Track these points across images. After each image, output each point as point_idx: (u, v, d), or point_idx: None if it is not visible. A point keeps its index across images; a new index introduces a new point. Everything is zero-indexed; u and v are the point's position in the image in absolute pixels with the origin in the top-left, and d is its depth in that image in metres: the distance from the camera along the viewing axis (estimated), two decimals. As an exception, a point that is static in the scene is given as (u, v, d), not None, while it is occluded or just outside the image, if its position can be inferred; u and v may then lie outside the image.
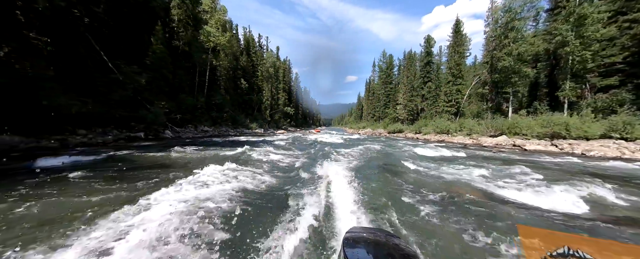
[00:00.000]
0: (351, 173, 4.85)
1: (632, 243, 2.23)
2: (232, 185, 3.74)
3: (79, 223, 2.43)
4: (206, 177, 3.90)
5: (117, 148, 7.51)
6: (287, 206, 3.05)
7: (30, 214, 2.73)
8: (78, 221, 2.50)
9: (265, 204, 3.19)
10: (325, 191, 3.61)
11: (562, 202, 3.43)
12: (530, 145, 11.53)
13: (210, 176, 4.00)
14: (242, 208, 2.84)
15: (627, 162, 7.62)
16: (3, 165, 5.08)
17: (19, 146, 6.17)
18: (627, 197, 3.91)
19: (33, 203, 2.99)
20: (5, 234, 2.25)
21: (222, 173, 4.30)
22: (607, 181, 4.53)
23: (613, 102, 14.40)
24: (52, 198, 3.23)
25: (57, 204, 3.04)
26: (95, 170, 4.83)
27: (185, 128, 16.88)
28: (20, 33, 6.95)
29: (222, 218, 2.52)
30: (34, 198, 3.19)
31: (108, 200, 3.19)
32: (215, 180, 3.82)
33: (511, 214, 2.81)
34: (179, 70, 19.66)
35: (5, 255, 1.87)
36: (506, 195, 3.83)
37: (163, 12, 21.25)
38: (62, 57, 8.85)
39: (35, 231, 2.31)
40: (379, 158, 7.65)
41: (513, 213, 2.82)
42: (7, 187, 3.59)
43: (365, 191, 3.63)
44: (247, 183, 4.04)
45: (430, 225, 2.58)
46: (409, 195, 3.62)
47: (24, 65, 6.77)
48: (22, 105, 6.51)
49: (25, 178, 4.11)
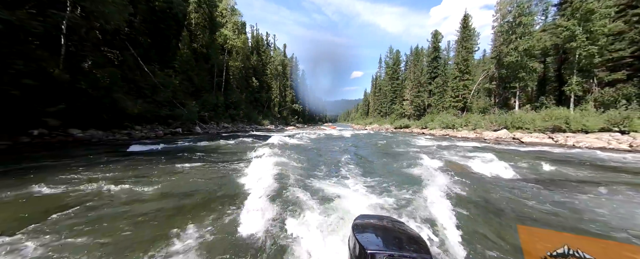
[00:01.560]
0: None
1: (632, 243, 2.22)
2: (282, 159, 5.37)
3: (208, 175, 3.90)
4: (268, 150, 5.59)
5: (171, 141, 9.17)
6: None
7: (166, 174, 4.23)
8: (203, 174, 3.98)
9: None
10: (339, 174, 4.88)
11: (494, 168, 5.11)
12: (528, 138, 12.39)
13: (267, 154, 5.73)
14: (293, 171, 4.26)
15: (603, 151, 8.69)
16: (112, 150, 6.82)
17: (102, 139, 7.88)
18: (549, 169, 5.37)
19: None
20: (165, 182, 3.72)
21: (273, 153, 5.86)
22: (550, 163, 5.93)
23: (619, 96, 14.56)
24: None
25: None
26: (187, 151, 6.71)
27: (209, 124, 18.60)
28: (98, 48, 8.57)
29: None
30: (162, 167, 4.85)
31: (222, 159, 4.81)
32: (272, 156, 5.51)
33: (511, 214, 2.81)
34: (201, 72, 21.31)
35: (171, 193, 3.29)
36: (477, 173, 4.98)
37: (182, 16, 22.80)
38: (119, 66, 10.52)
39: (171, 183, 3.80)
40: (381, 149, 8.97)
41: (513, 213, 2.83)
42: (135, 161, 5.34)
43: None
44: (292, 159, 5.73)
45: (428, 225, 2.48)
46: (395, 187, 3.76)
47: (102, 74, 8.46)
48: (101, 106, 8.20)
49: (140, 156, 5.94)
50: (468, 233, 2.31)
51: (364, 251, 0.84)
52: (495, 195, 3.56)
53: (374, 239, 0.92)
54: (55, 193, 3.14)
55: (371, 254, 0.82)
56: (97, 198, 3.06)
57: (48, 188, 3.24)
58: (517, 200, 3.36)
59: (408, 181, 4.16)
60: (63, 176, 3.90)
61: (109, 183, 3.55)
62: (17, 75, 5.42)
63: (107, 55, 9.21)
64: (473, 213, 2.77)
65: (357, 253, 0.87)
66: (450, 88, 27.87)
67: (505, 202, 3.25)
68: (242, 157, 6.29)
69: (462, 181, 4.10)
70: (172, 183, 3.88)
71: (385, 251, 0.83)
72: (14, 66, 5.34)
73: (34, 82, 5.77)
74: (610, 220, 2.72)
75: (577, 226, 2.59)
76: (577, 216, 2.82)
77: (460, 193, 3.53)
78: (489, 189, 3.80)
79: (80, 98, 7.46)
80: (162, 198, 3.15)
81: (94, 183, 3.54)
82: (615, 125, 11.30)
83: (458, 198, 3.26)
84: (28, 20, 5.57)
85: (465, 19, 29.32)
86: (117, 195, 3.21)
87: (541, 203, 3.21)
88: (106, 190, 3.32)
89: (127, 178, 3.98)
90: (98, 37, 8.84)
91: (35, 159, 4.94)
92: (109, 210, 2.72)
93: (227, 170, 4.87)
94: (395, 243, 0.91)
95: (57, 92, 6.74)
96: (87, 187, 3.40)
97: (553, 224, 2.58)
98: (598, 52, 15.65)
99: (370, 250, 0.83)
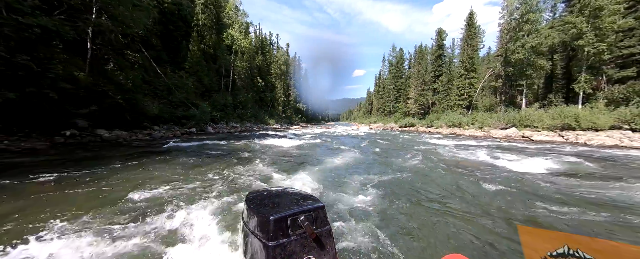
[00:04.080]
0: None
1: (632, 243, 2.20)
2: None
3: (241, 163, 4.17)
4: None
5: (189, 140, 9.51)
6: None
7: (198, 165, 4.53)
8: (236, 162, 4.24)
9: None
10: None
11: (484, 158, 5.65)
12: (537, 136, 12.46)
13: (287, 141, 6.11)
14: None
15: (613, 149, 8.72)
16: (143, 147, 7.26)
17: (126, 139, 8.20)
18: (561, 167, 5.51)
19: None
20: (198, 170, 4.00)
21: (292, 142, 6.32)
22: (561, 162, 6.12)
23: (630, 93, 14.47)
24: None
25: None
26: (215, 149, 7.26)
27: (219, 124, 18.93)
28: (121, 52, 8.91)
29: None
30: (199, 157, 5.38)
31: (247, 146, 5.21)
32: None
33: (511, 214, 2.82)
34: (210, 72, 21.64)
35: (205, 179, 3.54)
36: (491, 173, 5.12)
37: (190, 18, 23.08)
38: (138, 68, 10.87)
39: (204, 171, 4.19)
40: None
41: (513, 214, 2.83)
42: (171, 156, 5.86)
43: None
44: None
45: (427, 224, 2.53)
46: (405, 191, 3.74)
47: (125, 76, 8.79)
48: (124, 108, 8.53)
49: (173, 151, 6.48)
50: (468, 233, 2.31)
51: (266, 219, 0.83)
52: (496, 194, 3.55)
53: (275, 208, 0.91)
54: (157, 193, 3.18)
55: (274, 220, 0.82)
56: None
57: (147, 190, 3.24)
58: (517, 200, 3.33)
59: (408, 178, 4.31)
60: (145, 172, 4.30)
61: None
62: (56, 79, 5.75)
63: (129, 58, 9.54)
64: (473, 213, 2.78)
65: (259, 223, 0.85)
66: (456, 87, 27.84)
67: (505, 202, 3.24)
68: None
69: (464, 181, 4.14)
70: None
71: (288, 213, 0.84)
72: (53, 70, 5.66)
73: (70, 86, 6.09)
74: (615, 220, 2.66)
75: (577, 225, 2.56)
76: (579, 216, 2.76)
77: (460, 193, 3.54)
78: (490, 189, 3.78)
79: (106, 100, 7.80)
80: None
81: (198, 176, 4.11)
82: (626, 123, 11.31)
83: (458, 198, 3.29)
84: (62, 26, 5.88)
85: (470, 16, 29.20)
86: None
87: (541, 203, 3.16)
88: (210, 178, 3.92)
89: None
90: (121, 41, 9.18)
91: (92, 158, 5.22)
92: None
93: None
94: (294, 205, 0.92)
95: (87, 95, 7.07)
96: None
97: (553, 225, 2.57)
98: (607, 48, 15.58)
99: (273, 216, 0.83)
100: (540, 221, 2.71)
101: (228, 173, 4.35)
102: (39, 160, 4.93)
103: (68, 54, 7.02)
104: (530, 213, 2.91)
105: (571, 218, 2.79)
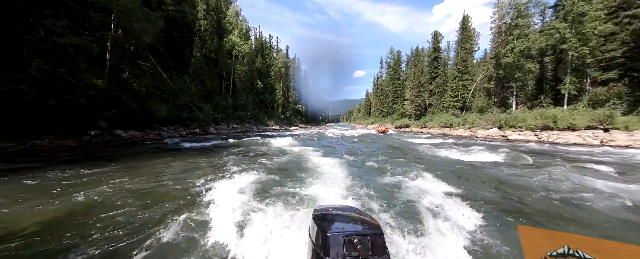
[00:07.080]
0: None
1: (632, 242, 2.24)
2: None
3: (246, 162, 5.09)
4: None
5: (194, 140, 10.50)
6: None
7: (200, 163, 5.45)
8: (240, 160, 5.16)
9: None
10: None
11: (443, 152, 6.51)
12: (514, 136, 13.34)
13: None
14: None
15: (572, 146, 9.64)
16: (151, 144, 8.24)
17: (140, 139, 9.25)
18: (500, 159, 6.37)
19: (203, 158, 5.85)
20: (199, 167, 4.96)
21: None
22: (506, 154, 6.99)
23: (610, 94, 15.24)
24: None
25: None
26: (225, 147, 8.29)
27: (221, 125, 19.97)
28: (134, 61, 9.96)
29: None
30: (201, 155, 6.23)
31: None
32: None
33: (511, 214, 2.86)
34: (211, 76, 22.73)
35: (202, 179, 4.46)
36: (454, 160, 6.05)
37: (193, 24, 24.19)
38: (150, 75, 11.94)
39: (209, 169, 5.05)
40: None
41: (513, 213, 2.88)
42: (174, 152, 6.74)
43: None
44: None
45: (426, 224, 2.51)
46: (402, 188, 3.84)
47: (139, 83, 9.84)
48: (137, 111, 9.58)
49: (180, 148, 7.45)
50: (468, 233, 2.35)
51: (324, 234, 0.90)
52: (495, 194, 3.63)
53: (333, 224, 0.98)
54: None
55: (331, 236, 0.88)
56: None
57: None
58: (517, 200, 3.41)
59: (399, 181, 4.28)
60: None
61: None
62: (86, 87, 6.76)
63: (141, 67, 10.60)
64: (473, 213, 2.80)
65: (319, 238, 0.93)
66: (450, 88, 28.59)
67: (505, 202, 3.31)
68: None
69: (462, 181, 4.29)
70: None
71: (343, 232, 0.91)
72: (85, 80, 6.67)
73: (94, 92, 7.10)
74: (608, 218, 2.75)
75: (577, 225, 2.62)
76: (578, 216, 2.85)
77: (459, 193, 3.59)
78: (489, 189, 3.89)
79: (122, 105, 8.83)
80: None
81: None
82: (599, 123, 12.09)
83: (458, 198, 3.30)
84: (88, 42, 6.89)
85: (464, 20, 30.02)
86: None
87: (541, 203, 3.25)
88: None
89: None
90: (133, 51, 10.21)
91: (127, 155, 6.11)
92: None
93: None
94: (350, 225, 0.99)
95: (105, 100, 8.10)
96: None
97: (553, 225, 2.62)
98: (590, 52, 16.36)
99: (330, 232, 0.90)
100: (461, 193, 3.53)
101: (243, 165, 5.23)
102: (76, 157, 5.84)
103: (90, 65, 8.06)
104: (450, 185, 3.91)
105: (479, 189, 3.85)
